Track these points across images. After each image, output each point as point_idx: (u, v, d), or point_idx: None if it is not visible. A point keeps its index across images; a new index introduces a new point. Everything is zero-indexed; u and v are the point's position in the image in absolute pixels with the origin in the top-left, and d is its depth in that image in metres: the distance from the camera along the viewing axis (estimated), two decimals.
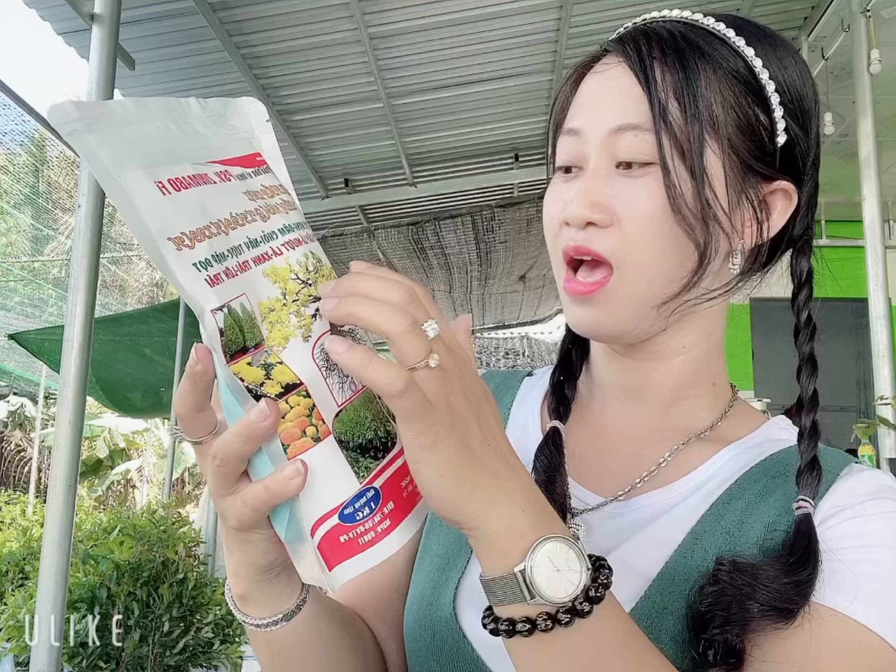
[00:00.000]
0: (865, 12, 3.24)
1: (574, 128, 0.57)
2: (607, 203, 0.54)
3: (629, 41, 0.57)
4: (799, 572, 0.48)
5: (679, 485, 0.58)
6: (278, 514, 0.42)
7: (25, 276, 6.50)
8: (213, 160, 0.44)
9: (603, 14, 3.72)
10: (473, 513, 0.40)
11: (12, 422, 13.39)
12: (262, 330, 0.41)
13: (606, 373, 0.64)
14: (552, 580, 0.40)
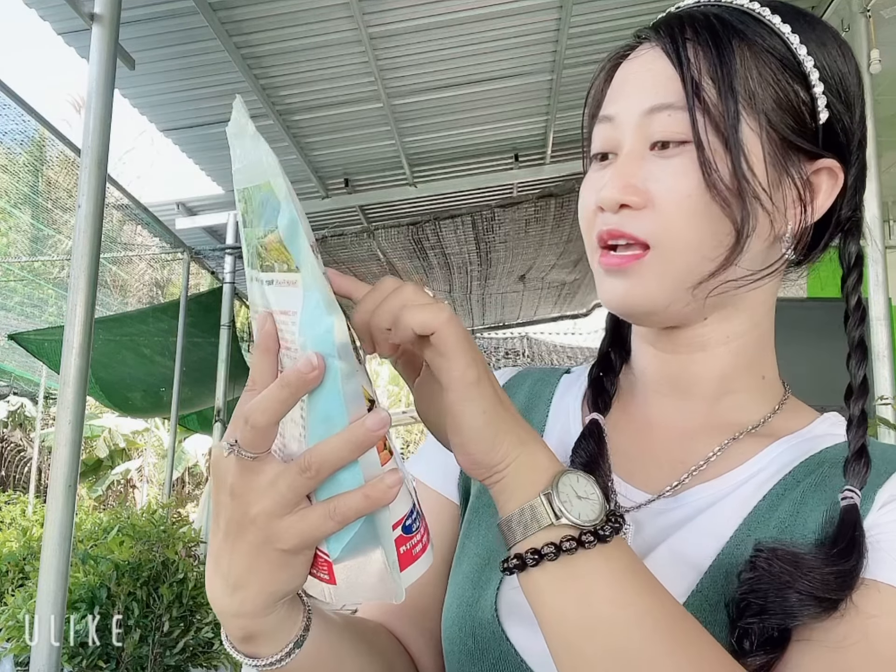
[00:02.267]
0: (865, 12, 3.24)
1: (608, 114, 0.57)
2: (641, 185, 0.53)
3: (662, 26, 0.56)
4: (842, 563, 0.47)
5: (729, 476, 0.57)
6: (342, 531, 0.42)
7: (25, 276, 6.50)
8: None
9: (603, 14, 3.72)
10: (506, 451, 0.43)
11: (12, 422, 13.39)
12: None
13: (648, 366, 0.63)
14: (576, 504, 0.43)
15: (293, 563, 0.43)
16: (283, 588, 0.44)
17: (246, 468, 0.41)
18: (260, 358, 0.41)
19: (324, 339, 0.39)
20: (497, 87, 4.30)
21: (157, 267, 6.82)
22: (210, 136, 4.62)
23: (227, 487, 0.42)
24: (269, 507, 0.41)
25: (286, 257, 0.39)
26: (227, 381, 5.51)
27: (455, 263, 6.76)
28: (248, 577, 0.43)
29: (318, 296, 0.39)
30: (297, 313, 0.40)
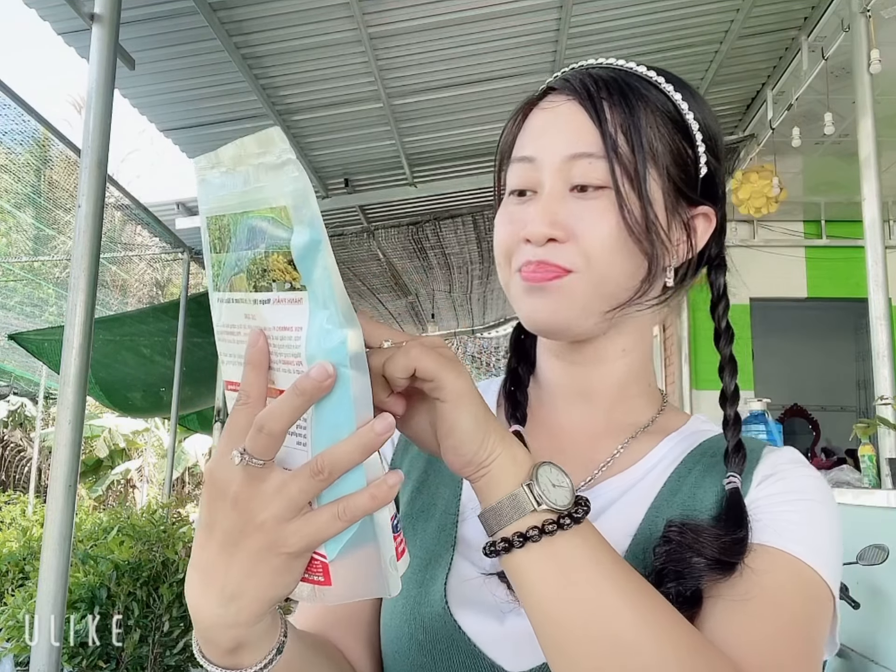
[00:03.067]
0: (865, 12, 3.24)
1: (528, 156, 0.64)
2: (564, 221, 0.61)
3: (576, 82, 0.64)
4: (735, 532, 0.57)
5: (633, 469, 0.67)
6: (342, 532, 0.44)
7: (25, 276, 6.50)
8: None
9: (603, 14, 3.72)
10: (492, 449, 0.49)
11: (12, 422, 13.39)
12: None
13: (555, 378, 0.72)
14: (553, 492, 0.49)
15: (293, 567, 0.45)
16: (281, 592, 0.46)
17: (253, 476, 0.43)
18: (253, 373, 0.44)
19: (337, 350, 0.41)
20: (497, 87, 4.30)
21: (157, 267, 6.82)
22: (210, 136, 4.62)
23: (229, 497, 0.44)
24: (279, 512, 0.43)
25: (292, 276, 0.42)
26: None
27: (455, 263, 6.76)
28: (246, 584, 0.45)
29: (332, 311, 0.41)
30: (303, 328, 0.42)
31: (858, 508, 2.63)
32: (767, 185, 4.38)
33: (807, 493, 0.62)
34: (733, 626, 0.54)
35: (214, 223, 0.45)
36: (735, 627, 0.54)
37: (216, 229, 0.45)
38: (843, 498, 2.74)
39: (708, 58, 4.23)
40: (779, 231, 6.49)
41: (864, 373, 7.41)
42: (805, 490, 0.62)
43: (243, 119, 4.45)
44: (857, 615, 2.27)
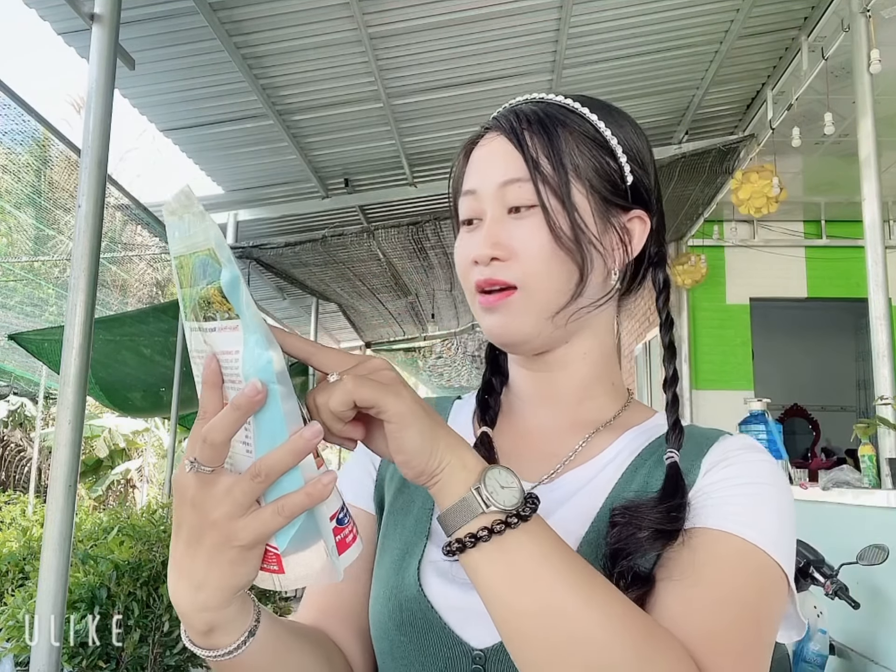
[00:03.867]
0: (865, 12, 3.24)
1: (470, 189, 0.72)
2: (505, 242, 0.68)
3: (503, 119, 0.72)
4: (670, 501, 0.61)
5: (593, 462, 0.72)
6: (288, 527, 0.51)
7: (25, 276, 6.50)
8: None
9: (603, 14, 3.72)
10: (441, 457, 0.54)
11: (12, 422, 13.39)
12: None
13: (523, 385, 0.78)
14: (501, 493, 0.53)
15: (248, 558, 0.51)
16: (241, 581, 0.52)
17: (204, 481, 0.49)
18: (208, 391, 0.50)
19: (265, 369, 0.47)
20: (497, 87, 4.30)
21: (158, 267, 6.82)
22: (210, 136, 4.63)
23: (188, 500, 0.50)
24: (228, 511, 0.49)
25: (227, 307, 0.48)
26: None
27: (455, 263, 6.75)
28: (209, 574, 0.51)
29: (258, 336, 0.47)
30: (240, 351, 0.48)
31: (858, 508, 2.63)
32: (767, 185, 4.39)
33: (754, 477, 0.65)
34: (682, 611, 0.57)
35: (178, 262, 0.52)
36: (683, 611, 0.57)
37: (180, 267, 0.52)
38: (843, 498, 2.74)
39: (708, 58, 4.24)
40: (779, 231, 6.49)
41: (864, 373, 7.41)
42: (753, 473, 0.65)
43: (243, 119, 4.46)
44: (857, 615, 2.27)
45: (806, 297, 6.54)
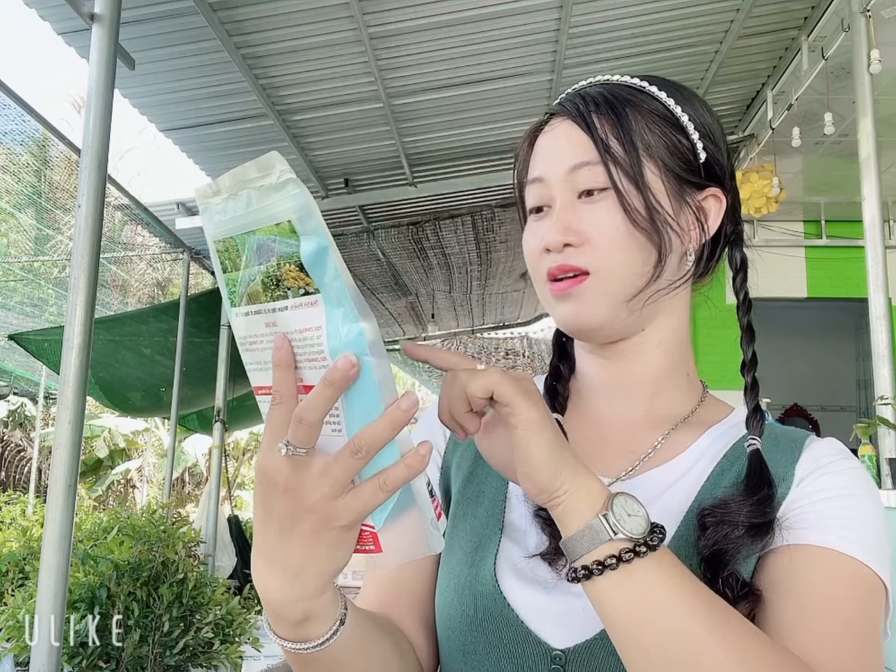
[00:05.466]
0: (865, 12, 3.24)
1: (538, 176, 0.71)
2: (577, 227, 0.66)
3: (568, 103, 0.70)
4: (759, 492, 0.61)
5: (675, 463, 0.69)
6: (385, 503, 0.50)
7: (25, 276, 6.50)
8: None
9: (603, 14, 3.71)
10: (565, 480, 0.53)
11: (12, 422, 13.39)
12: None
13: (593, 373, 0.76)
14: (628, 521, 0.52)
15: (346, 540, 0.50)
16: (339, 564, 0.51)
17: (299, 464, 0.48)
18: (281, 373, 0.47)
19: (356, 341, 0.45)
20: (497, 87, 4.30)
21: (158, 267, 6.82)
22: (210, 136, 4.62)
23: (280, 485, 0.48)
24: (327, 491, 0.47)
25: (305, 282, 0.46)
26: (227, 381, 5.51)
27: (455, 263, 6.76)
28: (307, 561, 0.50)
29: (346, 307, 0.45)
30: (322, 327, 0.46)
31: None
32: (767, 185, 4.38)
33: (852, 488, 0.63)
34: (796, 633, 0.56)
35: (223, 245, 0.50)
36: (799, 634, 0.56)
37: (224, 251, 0.50)
38: None
39: (708, 58, 4.23)
40: (779, 231, 6.48)
41: (864, 373, 7.41)
42: (850, 485, 0.64)
43: (243, 119, 4.45)
44: None
45: (806, 297, 6.54)
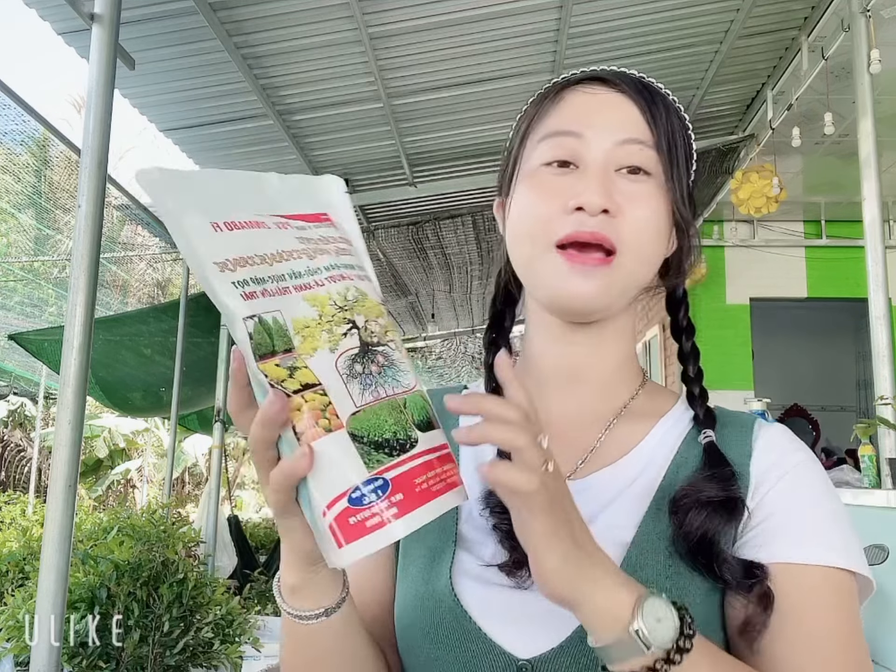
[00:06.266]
0: (865, 12, 3.24)
1: (574, 131, 0.66)
2: (616, 197, 0.63)
3: (623, 79, 0.69)
4: (720, 472, 0.61)
5: (628, 459, 0.68)
6: (304, 498, 0.50)
7: (25, 276, 6.50)
8: (276, 213, 0.55)
9: (603, 14, 3.71)
10: (584, 591, 0.49)
11: (12, 422, 13.39)
12: (294, 340, 0.49)
13: (547, 361, 0.73)
14: (658, 630, 0.49)
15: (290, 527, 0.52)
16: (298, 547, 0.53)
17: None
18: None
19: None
20: (497, 87, 4.30)
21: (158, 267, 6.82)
22: (210, 136, 4.62)
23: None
24: (258, 476, 0.51)
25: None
26: (227, 381, 5.51)
27: (455, 263, 6.75)
28: (280, 533, 0.54)
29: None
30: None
31: (858, 508, 2.63)
32: (767, 185, 4.38)
33: (817, 486, 0.64)
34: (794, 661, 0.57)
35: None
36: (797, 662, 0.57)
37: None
38: (844, 498, 2.73)
39: (708, 58, 4.23)
40: (779, 231, 6.48)
41: (864, 373, 7.40)
42: (815, 483, 0.64)
43: (243, 119, 4.45)
44: None
45: (806, 297, 6.54)
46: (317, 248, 0.55)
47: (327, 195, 0.61)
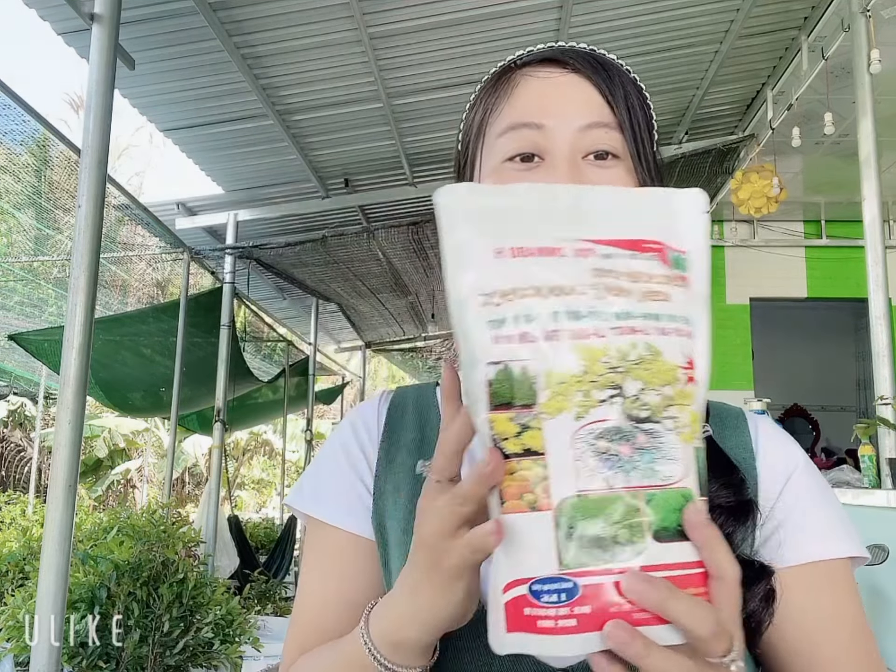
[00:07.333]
0: (865, 12, 3.24)
1: (535, 121, 0.62)
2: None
3: (576, 57, 0.65)
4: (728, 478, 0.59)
5: None
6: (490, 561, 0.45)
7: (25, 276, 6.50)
8: (584, 238, 0.45)
9: (603, 14, 3.72)
10: None
11: (12, 422, 13.39)
12: (540, 395, 0.43)
13: None
14: None
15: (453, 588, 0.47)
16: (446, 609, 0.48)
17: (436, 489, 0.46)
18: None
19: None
20: None
21: (158, 267, 6.82)
22: (210, 136, 4.62)
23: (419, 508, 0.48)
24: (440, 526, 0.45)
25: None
26: (226, 381, 5.51)
27: None
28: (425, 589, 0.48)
29: None
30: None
31: (858, 508, 2.63)
32: (767, 185, 4.39)
33: (820, 480, 0.64)
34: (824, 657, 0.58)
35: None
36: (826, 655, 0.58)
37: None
38: (844, 498, 2.73)
39: (708, 58, 4.23)
40: (779, 231, 6.49)
41: (864, 373, 7.41)
42: (818, 477, 0.65)
43: (243, 119, 4.45)
44: None
45: (806, 297, 6.54)
46: (614, 286, 0.44)
47: (672, 218, 0.47)
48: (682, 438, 0.44)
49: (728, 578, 0.41)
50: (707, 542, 0.41)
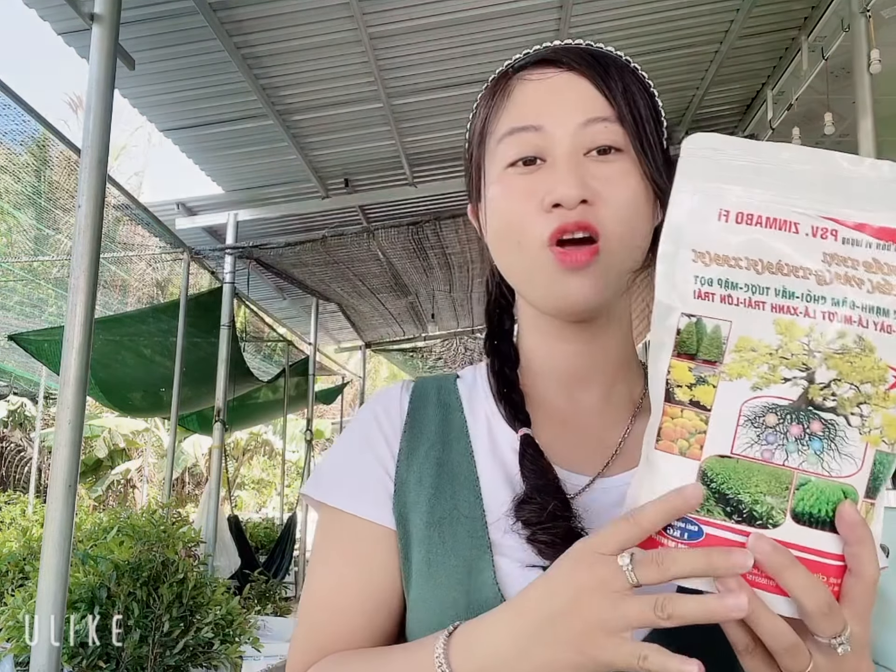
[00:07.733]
0: (865, 12, 3.24)
1: (533, 124, 0.62)
2: (592, 183, 0.60)
3: (569, 55, 0.64)
4: None
5: None
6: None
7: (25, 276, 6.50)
8: (830, 216, 0.43)
9: (603, 14, 3.72)
10: None
11: (12, 422, 13.39)
12: (726, 356, 0.43)
13: (552, 364, 0.69)
14: None
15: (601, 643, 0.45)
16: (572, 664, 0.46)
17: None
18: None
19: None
20: None
21: (157, 267, 6.82)
22: (210, 136, 4.62)
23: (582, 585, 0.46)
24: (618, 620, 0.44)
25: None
26: (226, 381, 5.51)
27: (455, 263, 6.75)
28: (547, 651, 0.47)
29: None
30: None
31: None
32: None
33: None
34: None
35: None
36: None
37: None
38: None
39: (708, 58, 4.24)
40: None
41: None
42: None
43: (243, 119, 4.45)
44: None
45: None
46: (842, 275, 0.42)
47: None
48: (865, 439, 0.42)
49: (867, 578, 0.43)
50: (857, 539, 0.42)
